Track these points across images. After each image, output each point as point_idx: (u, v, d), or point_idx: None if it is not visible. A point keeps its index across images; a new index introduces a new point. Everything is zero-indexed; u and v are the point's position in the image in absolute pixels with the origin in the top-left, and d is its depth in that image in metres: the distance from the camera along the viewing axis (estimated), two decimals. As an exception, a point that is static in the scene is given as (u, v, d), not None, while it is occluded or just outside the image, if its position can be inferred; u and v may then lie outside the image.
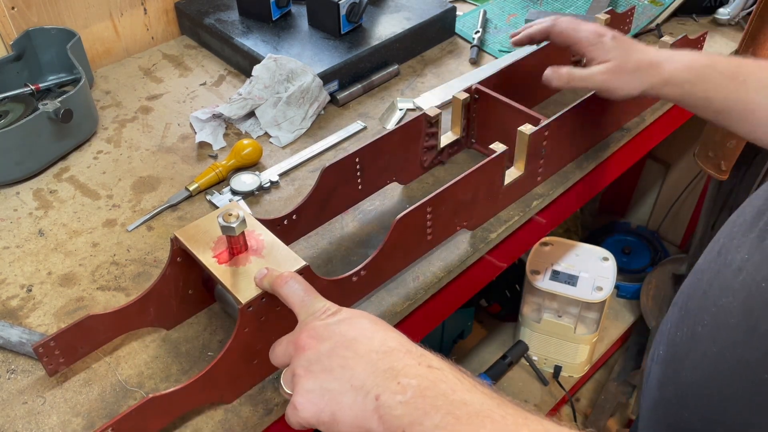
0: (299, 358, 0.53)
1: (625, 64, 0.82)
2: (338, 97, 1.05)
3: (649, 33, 1.21)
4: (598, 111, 0.93)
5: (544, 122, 0.85)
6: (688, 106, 0.82)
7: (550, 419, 0.46)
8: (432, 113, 0.86)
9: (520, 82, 0.98)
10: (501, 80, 0.94)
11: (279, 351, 0.56)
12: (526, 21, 1.23)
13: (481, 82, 0.92)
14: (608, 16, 1.05)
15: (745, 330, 0.54)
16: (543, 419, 0.46)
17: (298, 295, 0.58)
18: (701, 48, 1.08)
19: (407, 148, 0.88)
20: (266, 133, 1.01)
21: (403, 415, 0.47)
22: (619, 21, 1.08)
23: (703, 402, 0.58)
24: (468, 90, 0.91)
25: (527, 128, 0.83)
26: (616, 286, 1.89)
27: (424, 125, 0.87)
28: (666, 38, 1.00)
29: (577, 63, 1.06)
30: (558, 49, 1.01)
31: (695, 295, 0.61)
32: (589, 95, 0.89)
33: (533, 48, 1.00)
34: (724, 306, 0.56)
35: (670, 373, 0.63)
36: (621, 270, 1.81)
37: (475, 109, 0.93)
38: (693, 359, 0.59)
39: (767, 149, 1.16)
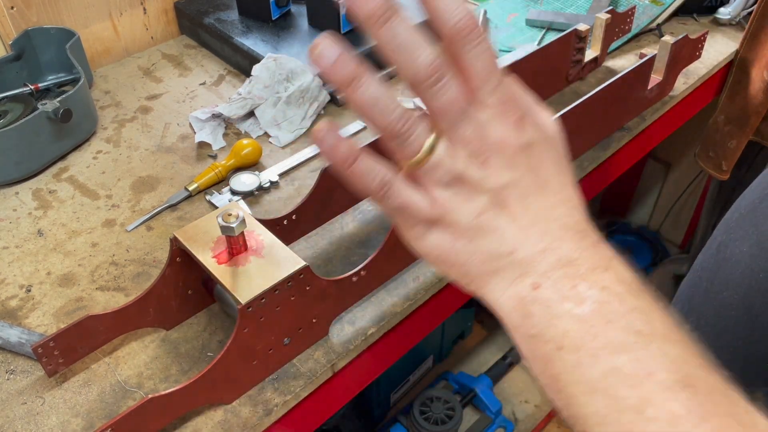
0: (475, 169, 0.38)
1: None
2: (338, 97, 1.05)
3: (650, 32, 1.20)
4: (598, 111, 0.93)
5: (544, 122, 0.85)
6: None
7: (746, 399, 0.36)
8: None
9: (521, 82, 0.97)
10: (501, 80, 0.94)
11: (465, 129, 0.38)
12: (527, 21, 1.23)
13: (481, 82, 0.91)
14: (609, 15, 1.05)
15: (746, 322, 0.54)
16: (743, 400, 0.36)
17: (485, 55, 0.38)
18: (701, 48, 1.08)
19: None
20: (266, 132, 1.00)
21: (570, 331, 0.36)
22: (619, 21, 1.08)
23: None
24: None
25: (528, 128, 0.83)
26: (617, 287, 1.88)
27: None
28: (667, 38, 1.00)
29: (578, 63, 1.05)
30: (558, 50, 1.01)
31: (697, 291, 0.61)
32: (588, 95, 0.89)
33: (533, 48, 1.00)
34: (725, 300, 0.57)
35: None
36: (621, 270, 1.81)
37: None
38: None
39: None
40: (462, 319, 1.75)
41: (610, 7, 1.08)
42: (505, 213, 0.38)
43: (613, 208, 2.13)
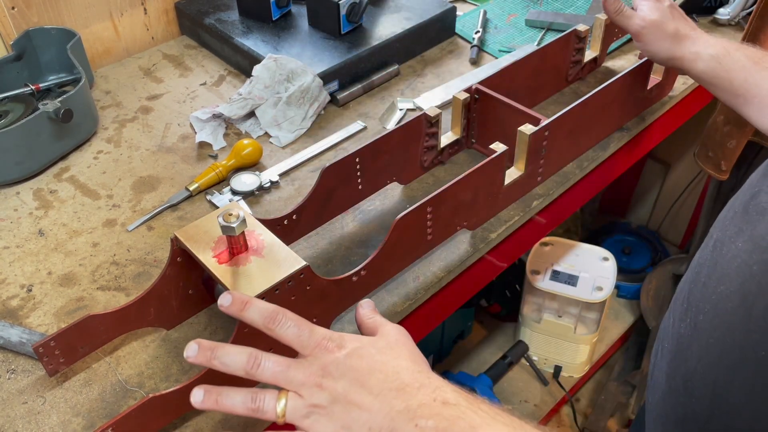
0: (316, 395, 0.52)
1: (665, 25, 0.87)
2: (338, 97, 1.05)
3: (649, 33, 1.20)
4: (598, 111, 0.93)
5: (544, 122, 0.85)
6: (710, 85, 0.85)
7: None
8: (432, 113, 0.86)
9: (521, 82, 0.98)
10: (501, 80, 0.94)
11: (295, 376, 0.53)
12: (526, 21, 1.23)
13: (481, 82, 0.91)
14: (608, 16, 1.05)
15: (743, 314, 0.56)
16: None
17: (292, 331, 0.55)
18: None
19: (407, 148, 0.88)
20: (266, 133, 1.01)
21: None
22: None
23: (708, 389, 0.60)
24: (468, 90, 0.91)
25: (527, 128, 0.83)
26: (616, 286, 1.89)
27: (424, 125, 0.87)
28: None
29: (577, 63, 1.06)
30: (558, 50, 1.02)
31: (696, 287, 0.63)
32: (588, 95, 0.89)
33: (533, 48, 1.00)
34: (722, 293, 0.58)
35: (676, 364, 0.65)
36: (621, 270, 1.81)
37: (476, 109, 0.93)
38: (697, 349, 0.61)
39: None
40: (462, 319, 1.75)
41: (610, 8, 1.08)
42: (353, 406, 0.51)
43: (612, 208, 2.14)
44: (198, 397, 0.53)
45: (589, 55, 1.08)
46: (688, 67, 0.87)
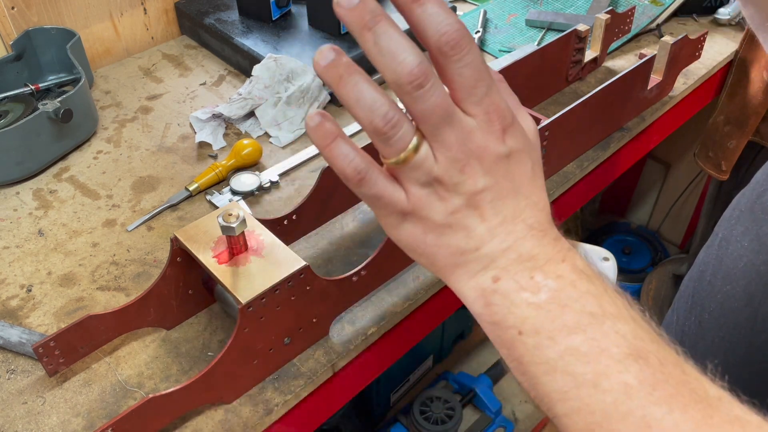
0: (453, 173, 0.40)
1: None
2: (338, 97, 1.05)
3: (650, 33, 1.21)
4: (598, 111, 0.93)
5: (544, 122, 0.85)
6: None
7: (701, 371, 0.39)
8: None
9: (521, 82, 0.98)
10: (501, 80, 0.94)
11: (448, 136, 0.39)
12: (527, 21, 1.23)
13: (481, 82, 0.91)
14: (608, 16, 1.05)
15: (749, 314, 0.56)
16: (699, 373, 0.39)
17: (469, 72, 0.39)
18: (701, 48, 1.08)
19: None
20: (266, 133, 1.01)
21: (529, 318, 0.39)
22: (619, 21, 1.08)
23: None
24: (468, 90, 0.91)
25: (527, 128, 0.83)
26: (616, 286, 1.89)
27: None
28: (666, 38, 1.00)
29: (577, 63, 1.06)
30: (558, 50, 1.02)
31: (700, 286, 0.63)
32: (588, 95, 0.89)
33: (533, 48, 1.00)
34: (728, 293, 0.58)
35: None
36: (621, 270, 1.81)
37: (476, 109, 0.93)
38: (702, 347, 0.61)
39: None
40: (462, 319, 1.75)
41: (610, 8, 1.08)
42: (477, 214, 0.41)
43: (612, 208, 2.14)
44: (328, 56, 0.41)
45: (590, 55, 1.08)
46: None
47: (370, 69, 1.16)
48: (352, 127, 1.01)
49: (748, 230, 0.58)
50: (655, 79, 1.02)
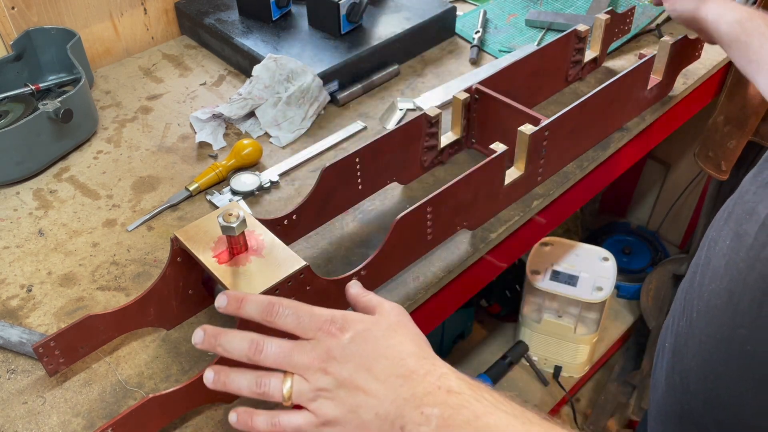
0: (323, 379, 0.53)
1: None
2: (338, 97, 1.05)
3: (649, 33, 1.21)
4: (598, 111, 0.93)
5: (544, 122, 0.85)
6: (728, 48, 0.86)
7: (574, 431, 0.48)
8: (432, 113, 0.86)
9: (521, 82, 0.98)
10: (501, 80, 0.94)
11: (299, 360, 0.53)
12: (526, 21, 1.23)
13: (481, 82, 0.91)
14: (608, 16, 1.05)
15: (730, 310, 0.58)
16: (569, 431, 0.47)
17: (291, 319, 0.55)
18: (701, 48, 1.08)
19: (407, 148, 0.88)
20: (266, 133, 1.01)
21: None
22: (619, 21, 1.08)
23: (701, 384, 0.62)
24: (468, 90, 0.91)
25: (527, 128, 0.83)
26: (616, 286, 1.89)
27: (424, 125, 0.87)
28: (666, 38, 1.00)
29: (577, 63, 1.06)
30: (558, 50, 1.02)
31: (691, 287, 0.65)
32: (588, 96, 0.89)
33: (533, 48, 1.00)
34: (713, 291, 0.60)
35: (675, 362, 0.67)
36: (621, 270, 1.81)
37: (476, 109, 0.93)
38: (692, 345, 0.63)
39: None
40: (462, 319, 1.75)
41: (610, 8, 1.08)
42: (359, 391, 0.51)
43: (612, 208, 2.14)
44: (209, 378, 0.56)
45: (590, 55, 1.08)
46: (711, 29, 0.87)
47: (368, 69, 1.16)
48: (353, 127, 1.01)
49: (731, 229, 0.60)
50: (654, 79, 1.02)
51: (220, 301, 0.55)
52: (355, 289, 0.61)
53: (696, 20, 0.89)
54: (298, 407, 0.54)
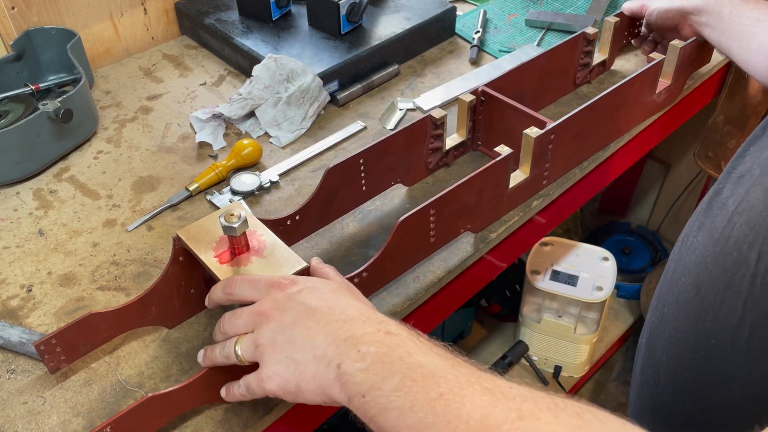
0: (263, 329, 0.56)
1: None
2: (338, 97, 1.05)
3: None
4: (605, 114, 0.93)
5: (550, 125, 0.84)
6: (705, 26, 0.94)
7: (502, 376, 0.48)
8: (438, 115, 0.86)
9: (527, 84, 0.97)
10: (507, 82, 0.93)
11: (239, 322, 0.58)
12: (526, 21, 1.23)
13: (487, 84, 0.91)
14: (617, 19, 1.04)
15: (696, 304, 0.59)
16: (495, 376, 0.48)
17: (248, 287, 0.60)
18: (711, 51, 1.08)
19: (412, 150, 0.88)
20: (266, 133, 1.01)
21: (363, 381, 0.49)
22: (628, 24, 1.08)
23: (671, 378, 0.63)
24: (474, 92, 0.90)
25: (533, 131, 0.83)
26: (616, 286, 1.89)
27: (429, 127, 0.87)
28: (675, 42, 0.98)
29: (585, 66, 1.05)
30: (566, 53, 1.01)
31: (664, 281, 0.66)
32: (595, 98, 0.88)
33: (533, 48, 1.00)
34: (682, 285, 0.62)
35: (648, 356, 0.68)
36: (621, 270, 1.81)
37: (481, 111, 0.92)
38: (662, 340, 0.65)
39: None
40: (462, 319, 1.75)
41: (619, 11, 1.07)
42: (298, 336, 0.54)
43: (612, 208, 2.14)
44: (200, 356, 0.63)
45: (598, 58, 1.07)
46: (689, 10, 0.94)
47: (368, 69, 1.16)
48: (353, 127, 1.01)
49: (703, 225, 0.61)
50: (663, 83, 1.01)
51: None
52: (316, 261, 0.66)
53: (673, 9, 0.95)
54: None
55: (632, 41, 1.10)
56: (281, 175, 0.94)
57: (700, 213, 0.64)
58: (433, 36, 1.19)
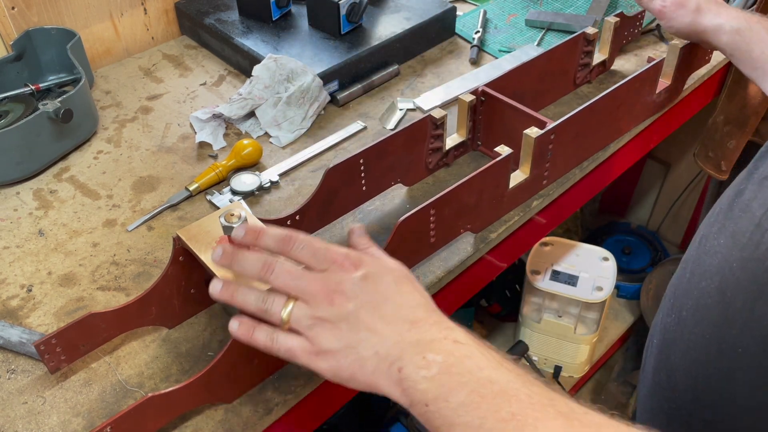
0: (323, 308, 0.53)
1: (687, 1, 0.90)
2: (338, 97, 1.05)
3: (650, 33, 1.21)
4: (605, 114, 0.93)
5: (550, 125, 0.84)
6: (732, 57, 0.88)
7: (575, 399, 0.46)
8: (438, 115, 0.86)
9: (527, 84, 0.97)
10: (508, 82, 0.93)
11: (293, 284, 0.54)
12: (526, 21, 1.23)
13: (487, 84, 0.91)
14: (617, 19, 1.04)
15: (722, 310, 0.57)
16: (569, 399, 0.46)
17: (307, 251, 0.55)
18: (711, 52, 1.08)
19: (412, 150, 0.88)
20: (266, 133, 1.01)
21: (427, 389, 0.47)
22: (629, 24, 1.08)
23: (690, 382, 0.62)
24: (474, 92, 0.90)
25: (533, 131, 0.83)
26: (616, 286, 1.89)
27: (429, 127, 0.87)
28: (675, 42, 0.98)
29: (585, 66, 1.05)
30: (566, 53, 1.01)
31: (681, 283, 0.65)
32: (595, 98, 0.88)
33: (534, 48, 1.00)
34: (703, 289, 0.60)
35: (662, 359, 0.67)
36: (621, 270, 1.81)
37: (481, 111, 0.92)
38: (680, 343, 0.63)
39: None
40: (462, 319, 1.75)
41: (610, 9, 1.08)
42: (362, 327, 0.51)
43: (612, 208, 2.14)
44: (216, 287, 0.57)
45: (598, 58, 1.07)
46: (711, 40, 0.89)
47: (368, 69, 1.16)
48: (353, 127, 1.01)
49: (725, 228, 0.60)
50: (663, 83, 1.01)
51: (238, 232, 0.58)
52: (357, 237, 0.60)
53: (695, 33, 0.91)
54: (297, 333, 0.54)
55: None
56: (281, 175, 0.94)
57: (720, 214, 0.62)
58: (433, 36, 1.19)
